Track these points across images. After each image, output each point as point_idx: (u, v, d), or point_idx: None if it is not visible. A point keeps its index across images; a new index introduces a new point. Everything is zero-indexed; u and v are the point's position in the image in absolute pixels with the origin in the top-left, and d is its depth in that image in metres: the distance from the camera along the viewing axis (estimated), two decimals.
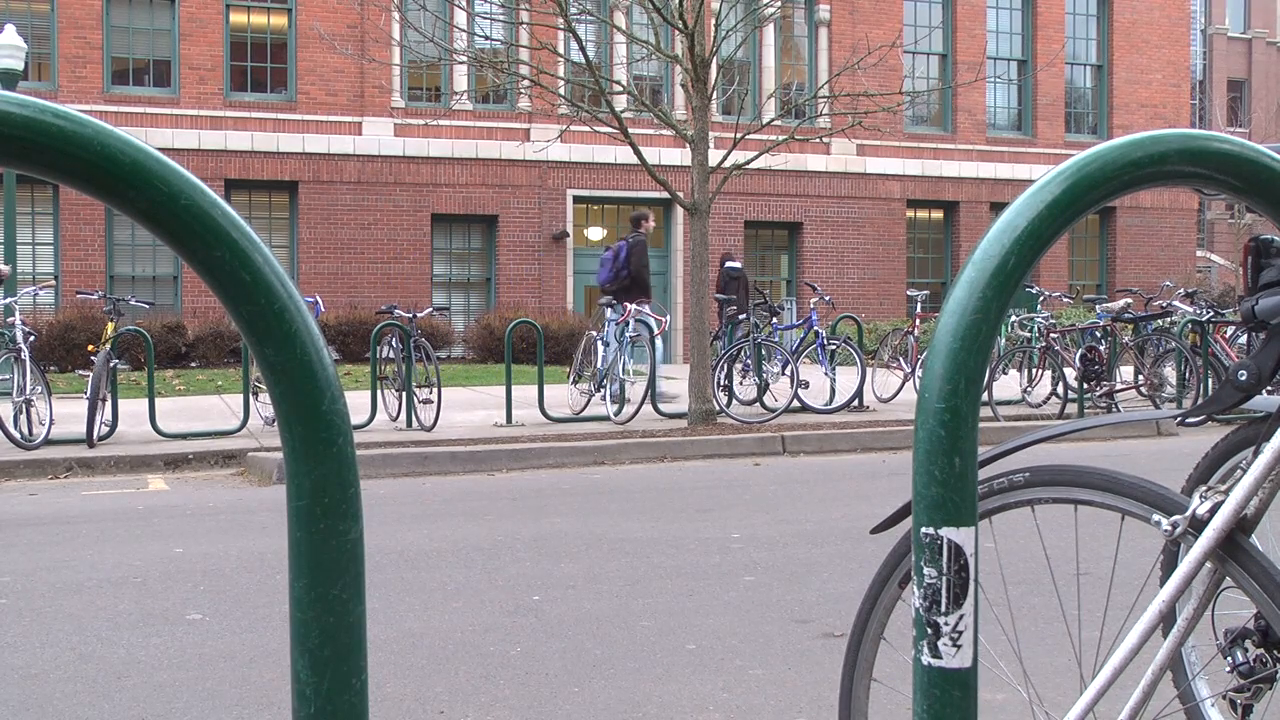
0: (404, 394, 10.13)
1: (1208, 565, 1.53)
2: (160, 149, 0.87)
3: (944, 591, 1.01)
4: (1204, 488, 1.56)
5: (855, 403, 11.31)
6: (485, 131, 21.07)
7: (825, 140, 21.88)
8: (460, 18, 17.22)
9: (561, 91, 13.25)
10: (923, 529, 1.01)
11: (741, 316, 12.18)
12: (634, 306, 11.34)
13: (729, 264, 14.20)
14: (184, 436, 9.37)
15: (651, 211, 14.10)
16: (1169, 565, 2.01)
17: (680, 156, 18.02)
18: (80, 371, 11.26)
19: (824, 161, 22.96)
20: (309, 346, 0.91)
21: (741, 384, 11.67)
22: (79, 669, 3.59)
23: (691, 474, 8.16)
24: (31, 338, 9.41)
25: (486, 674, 3.49)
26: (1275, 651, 1.81)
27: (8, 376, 9.45)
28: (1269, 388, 1.58)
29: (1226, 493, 1.52)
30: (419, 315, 10.93)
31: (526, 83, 12.55)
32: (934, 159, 23.81)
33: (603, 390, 10.95)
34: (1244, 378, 1.54)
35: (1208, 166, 1.06)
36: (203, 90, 20.10)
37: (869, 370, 11.93)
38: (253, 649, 3.79)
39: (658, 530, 5.80)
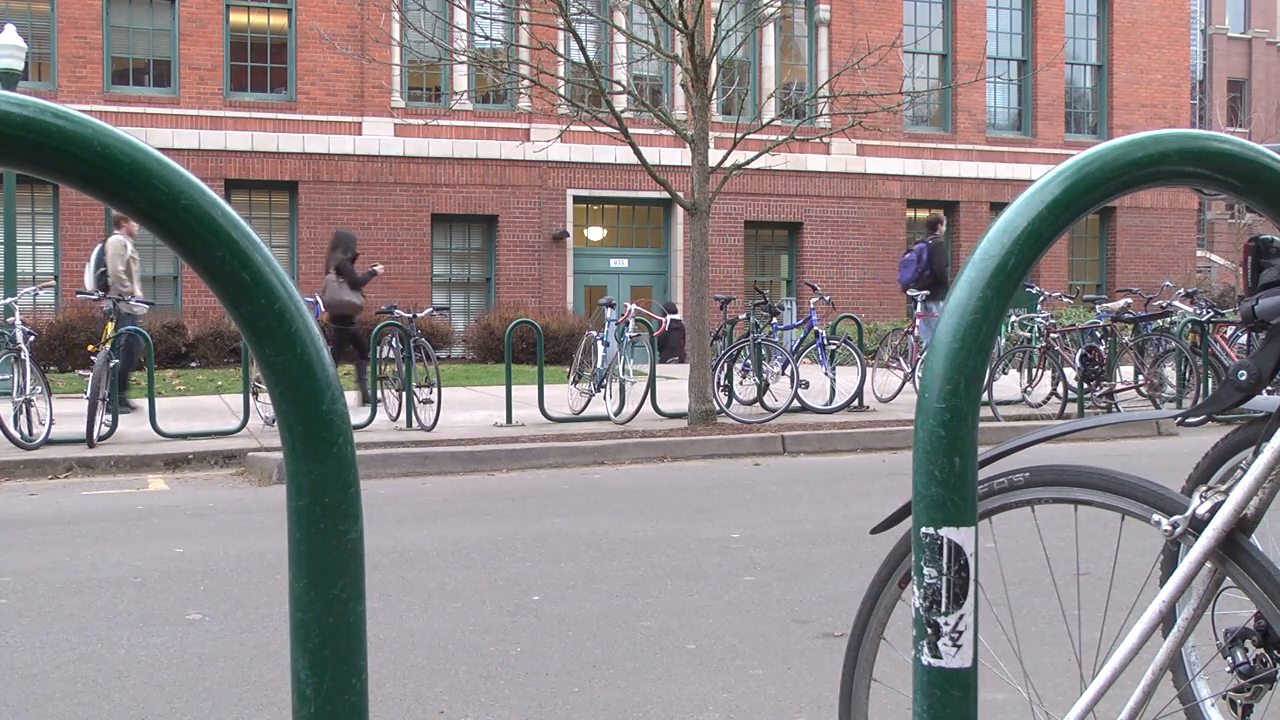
0: (404, 394, 10.12)
1: (1208, 565, 1.53)
2: (160, 149, 0.87)
3: (944, 591, 1.01)
4: (1204, 488, 1.56)
5: (855, 403, 11.31)
6: (485, 131, 21.07)
7: (825, 140, 21.88)
8: (460, 18, 17.22)
9: (561, 91, 13.25)
10: (923, 529, 1.01)
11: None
12: (633, 306, 11.33)
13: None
14: (184, 436, 9.37)
15: (944, 215, 14.83)
16: (1169, 565, 2.01)
17: (680, 156, 18.03)
18: (80, 371, 11.25)
19: (824, 161, 22.97)
20: (309, 346, 0.91)
21: (741, 384, 11.67)
22: (79, 669, 3.59)
23: (691, 474, 8.15)
24: (31, 338, 9.40)
25: (486, 674, 3.49)
26: (1275, 651, 1.81)
27: (8, 376, 9.45)
28: (1269, 388, 1.58)
29: (1226, 493, 1.52)
30: (419, 315, 10.93)
31: (526, 83, 12.55)
32: (934, 159, 23.81)
33: (603, 390, 10.96)
34: (1244, 378, 1.54)
35: (1208, 166, 1.06)
36: (203, 90, 20.10)
37: (869, 370, 11.93)
38: (253, 649, 3.79)
39: (658, 530, 5.80)
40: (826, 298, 13.13)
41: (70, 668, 3.60)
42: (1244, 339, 11.82)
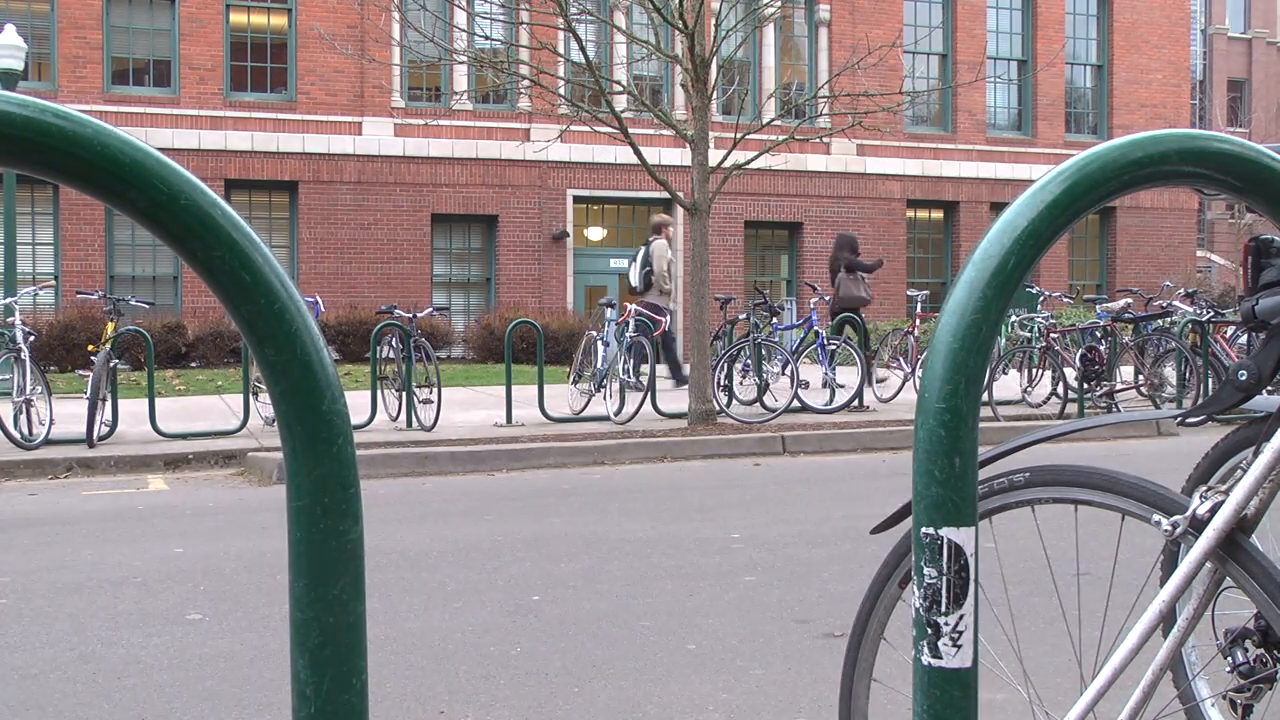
0: (404, 394, 10.12)
1: (1208, 565, 1.53)
2: (160, 149, 0.87)
3: (944, 591, 1.01)
4: (1204, 488, 1.56)
5: (855, 403, 11.31)
6: (485, 131, 21.07)
7: (825, 140, 21.88)
8: (460, 18, 17.21)
9: (561, 91, 13.25)
10: (923, 529, 1.01)
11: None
12: (634, 307, 11.33)
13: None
14: (184, 436, 9.37)
15: None
16: (1169, 565, 2.01)
17: (680, 156, 18.03)
18: (80, 371, 11.26)
19: (824, 161, 22.96)
20: (309, 346, 0.91)
21: (741, 384, 11.67)
22: (79, 669, 3.59)
23: (691, 474, 8.15)
24: (31, 338, 9.40)
25: (486, 674, 3.49)
26: (1275, 651, 1.81)
27: (8, 376, 9.45)
28: (1269, 388, 1.58)
29: (1226, 493, 1.52)
30: (419, 315, 10.92)
31: (526, 83, 12.54)
32: (934, 159, 23.81)
33: (603, 390, 10.96)
34: (1244, 378, 1.54)
35: (1208, 166, 1.06)
36: (203, 90, 20.10)
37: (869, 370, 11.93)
38: (253, 649, 3.79)
39: (658, 530, 5.80)
40: (827, 298, 13.13)
41: (70, 668, 3.60)
42: (1244, 339, 11.82)
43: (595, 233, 22.53)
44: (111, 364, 9.51)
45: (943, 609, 1.01)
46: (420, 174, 20.93)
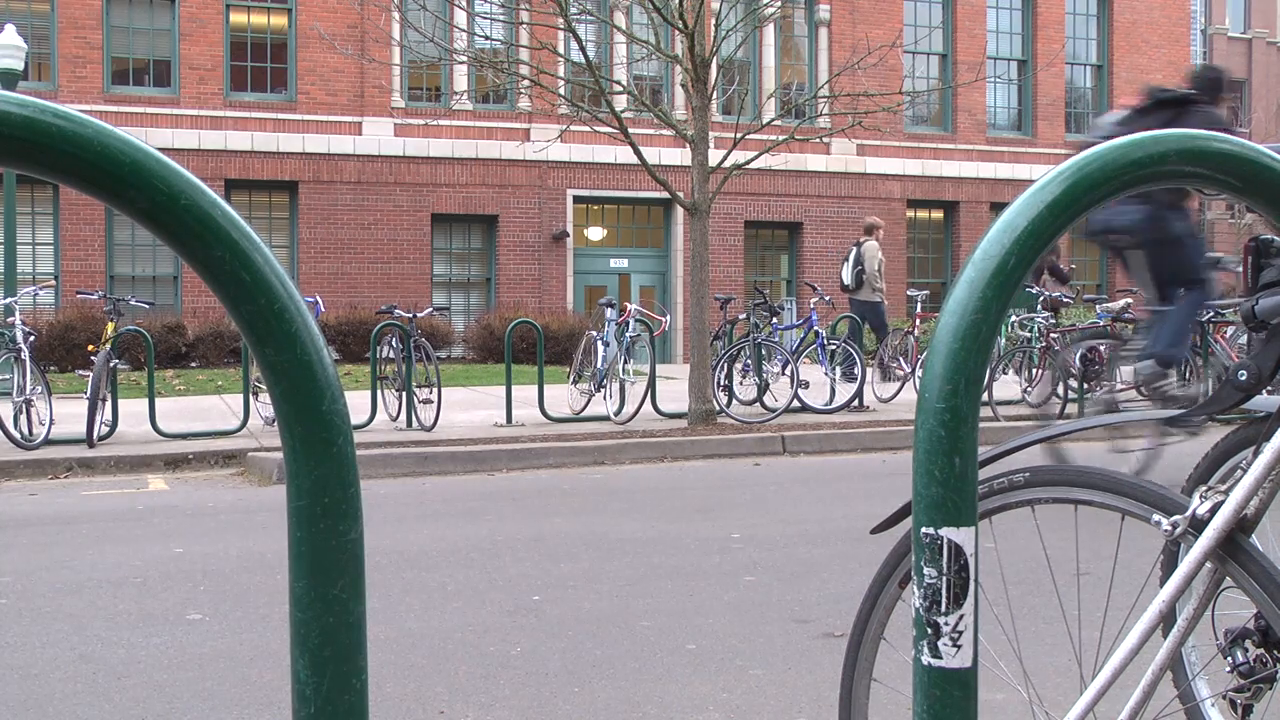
0: (404, 394, 10.12)
1: (1208, 565, 1.53)
2: (160, 149, 0.87)
3: (944, 591, 1.01)
4: (1204, 488, 1.56)
5: (855, 403, 11.31)
6: (485, 131, 21.07)
7: (825, 140, 21.88)
8: (460, 18, 17.21)
9: (561, 91, 13.25)
10: (923, 529, 1.01)
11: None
12: (633, 306, 11.32)
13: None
14: (184, 436, 9.37)
15: None
16: (1169, 565, 2.01)
17: (680, 156, 18.03)
18: (80, 371, 11.26)
19: (824, 161, 22.96)
20: (309, 347, 0.91)
21: (741, 384, 11.67)
22: (79, 669, 3.58)
23: (691, 474, 8.15)
24: (31, 338, 9.40)
25: (486, 674, 3.49)
26: (1275, 651, 1.81)
27: (8, 376, 9.44)
28: (1269, 388, 1.58)
29: (1226, 493, 1.52)
30: (419, 315, 10.92)
31: (526, 83, 12.54)
32: (934, 159, 23.81)
33: (603, 390, 10.96)
34: (1244, 378, 1.54)
35: (1208, 166, 1.06)
36: (203, 90, 20.10)
37: (869, 370, 11.92)
38: (253, 649, 3.79)
39: (658, 530, 5.80)
40: (826, 298, 13.14)
41: (70, 668, 3.60)
42: (1244, 339, 11.82)
43: (595, 233, 22.53)
44: (111, 364, 9.51)
45: (943, 609, 1.01)
46: (420, 174, 20.93)
